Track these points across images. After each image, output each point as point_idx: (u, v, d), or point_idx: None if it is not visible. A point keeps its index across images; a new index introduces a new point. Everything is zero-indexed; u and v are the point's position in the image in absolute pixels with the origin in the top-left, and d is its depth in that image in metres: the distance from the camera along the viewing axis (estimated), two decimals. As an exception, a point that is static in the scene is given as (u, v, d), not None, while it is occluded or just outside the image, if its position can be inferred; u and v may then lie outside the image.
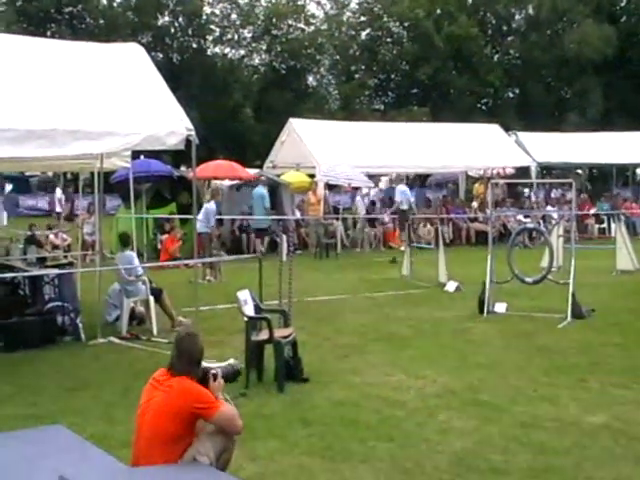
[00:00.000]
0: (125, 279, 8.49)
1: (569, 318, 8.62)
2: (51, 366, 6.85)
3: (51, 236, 15.11)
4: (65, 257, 12.08)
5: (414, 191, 24.21)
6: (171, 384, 3.66)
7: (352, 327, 8.56)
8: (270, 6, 38.46)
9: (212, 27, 38.51)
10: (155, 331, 8.20)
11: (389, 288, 11.44)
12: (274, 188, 16.42)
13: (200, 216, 12.02)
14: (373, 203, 20.01)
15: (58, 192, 19.79)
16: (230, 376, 3.98)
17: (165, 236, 15.52)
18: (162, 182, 16.12)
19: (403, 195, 16.14)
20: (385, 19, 39.66)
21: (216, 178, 16.82)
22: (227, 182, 17.50)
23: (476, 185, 21.76)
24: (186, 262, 12.33)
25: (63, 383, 6.27)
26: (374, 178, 20.78)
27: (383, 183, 30.97)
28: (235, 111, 35.31)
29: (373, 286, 11.72)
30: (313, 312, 9.37)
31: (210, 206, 12.55)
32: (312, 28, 39.97)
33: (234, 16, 38.67)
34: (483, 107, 40.30)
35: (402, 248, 16.24)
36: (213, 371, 3.81)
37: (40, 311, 7.92)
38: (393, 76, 41.34)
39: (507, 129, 22.61)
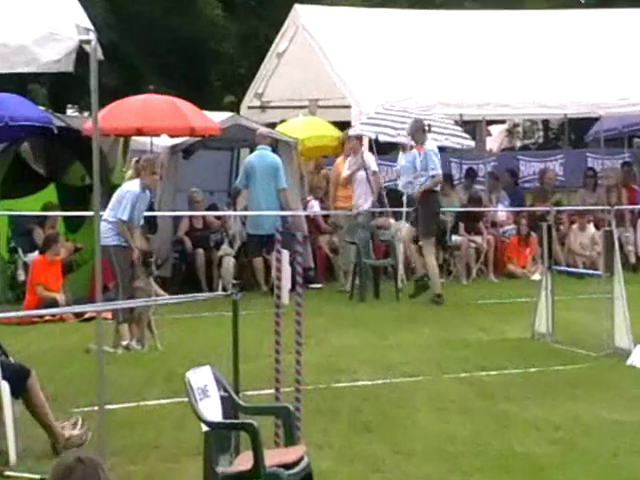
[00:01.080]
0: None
1: None
2: None
3: None
4: None
5: (560, 156, 24.27)
6: None
7: (431, 443, 8.53)
8: None
9: None
10: (13, 456, 8.18)
11: (507, 361, 11.52)
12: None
13: (108, 213, 12.12)
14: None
15: None
16: None
17: (35, 255, 15.70)
18: (29, 141, 16.33)
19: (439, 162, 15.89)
20: None
21: (142, 133, 16.95)
22: (165, 140, 17.64)
23: None
24: (80, 310, 12.40)
25: None
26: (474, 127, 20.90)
27: (495, 140, 31.16)
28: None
29: (474, 357, 11.81)
30: (347, 411, 9.45)
31: (131, 189, 12.64)
32: None
33: None
34: None
35: (536, 276, 16.23)
36: None
37: None
38: None
39: None
